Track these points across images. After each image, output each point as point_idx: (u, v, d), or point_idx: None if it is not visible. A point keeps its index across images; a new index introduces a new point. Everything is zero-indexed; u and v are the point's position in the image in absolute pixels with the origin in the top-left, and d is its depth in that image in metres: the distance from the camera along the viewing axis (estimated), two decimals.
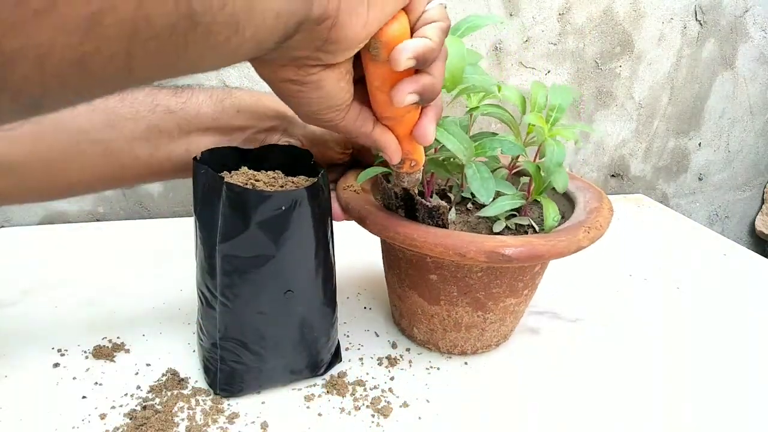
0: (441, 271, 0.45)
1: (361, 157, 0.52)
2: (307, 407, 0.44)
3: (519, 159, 0.49)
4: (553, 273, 0.50)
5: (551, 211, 0.46)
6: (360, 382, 0.47)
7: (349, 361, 0.50)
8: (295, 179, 0.44)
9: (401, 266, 0.48)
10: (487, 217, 0.49)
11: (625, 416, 0.45)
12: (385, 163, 0.45)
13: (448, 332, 0.49)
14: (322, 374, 0.47)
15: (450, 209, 0.49)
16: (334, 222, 0.45)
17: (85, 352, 0.48)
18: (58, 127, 0.40)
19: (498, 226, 0.48)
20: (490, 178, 0.43)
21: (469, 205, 0.51)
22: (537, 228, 0.48)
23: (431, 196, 0.48)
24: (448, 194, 0.52)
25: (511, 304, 0.48)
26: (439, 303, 0.47)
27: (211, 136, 0.45)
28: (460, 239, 0.40)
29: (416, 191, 0.43)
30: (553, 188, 0.47)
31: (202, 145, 0.45)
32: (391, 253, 0.49)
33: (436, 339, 0.50)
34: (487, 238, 0.41)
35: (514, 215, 0.49)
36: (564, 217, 0.49)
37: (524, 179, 0.52)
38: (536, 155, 0.49)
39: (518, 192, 0.47)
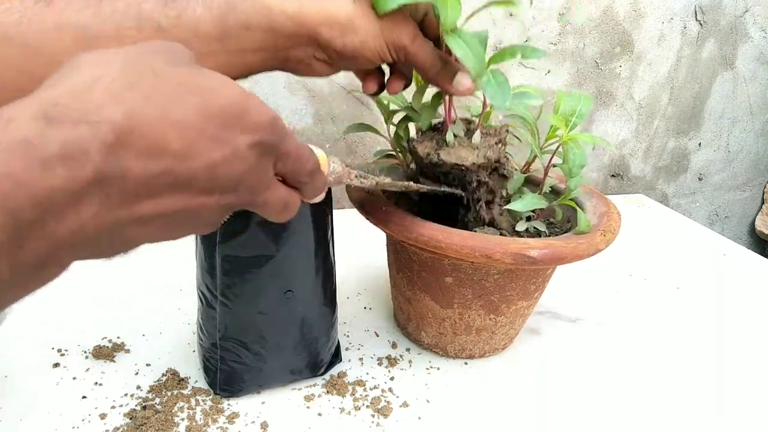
0: (457, 273, 0.45)
1: (401, 68, 0.44)
2: (307, 407, 0.44)
3: (533, 163, 0.49)
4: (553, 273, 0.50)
5: (584, 219, 0.46)
6: (360, 382, 0.47)
7: (349, 361, 0.50)
8: None
9: (414, 269, 0.48)
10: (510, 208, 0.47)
11: (624, 416, 0.45)
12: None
13: (458, 336, 0.49)
14: (322, 374, 0.47)
15: (475, 132, 0.47)
16: (333, 221, 0.45)
17: (85, 352, 0.48)
18: (22, 44, 0.32)
19: (521, 226, 0.47)
20: (506, 83, 0.40)
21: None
22: (548, 232, 0.48)
23: (453, 123, 0.46)
24: (473, 118, 0.50)
25: (522, 307, 0.48)
26: (452, 306, 0.47)
27: (214, 60, 0.37)
28: (486, 241, 0.40)
29: (379, 183, 0.41)
30: (558, 192, 0.47)
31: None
32: (402, 255, 0.48)
33: (445, 343, 0.50)
34: (511, 240, 0.41)
35: (529, 218, 0.49)
36: (569, 221, 0.49)
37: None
38: (550, 160, 0.48)
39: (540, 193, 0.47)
